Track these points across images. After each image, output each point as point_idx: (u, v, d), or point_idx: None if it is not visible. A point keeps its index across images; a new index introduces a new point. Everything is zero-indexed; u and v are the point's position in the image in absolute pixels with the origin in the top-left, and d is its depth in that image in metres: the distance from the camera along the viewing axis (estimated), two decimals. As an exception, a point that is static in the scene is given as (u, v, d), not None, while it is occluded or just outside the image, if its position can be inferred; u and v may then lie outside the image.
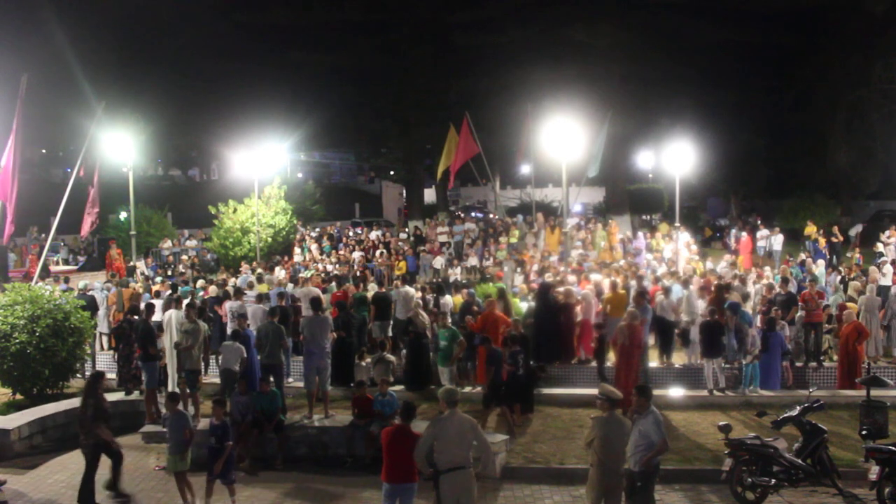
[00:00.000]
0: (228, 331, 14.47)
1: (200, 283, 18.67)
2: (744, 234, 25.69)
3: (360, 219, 45.01)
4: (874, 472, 9.05)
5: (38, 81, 18.86)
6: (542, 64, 30.20)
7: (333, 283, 18.29)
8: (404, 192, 48.18)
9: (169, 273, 23.17)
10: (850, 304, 15.14)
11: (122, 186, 22.18)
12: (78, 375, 14.76)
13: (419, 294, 16.16)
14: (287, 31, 40.03)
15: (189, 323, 12.40)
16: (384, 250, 25.72)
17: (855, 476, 9.82)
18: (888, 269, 18.76)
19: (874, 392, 11.27)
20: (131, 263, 22.72)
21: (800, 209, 32.37)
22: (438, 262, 24.11)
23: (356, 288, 17.36)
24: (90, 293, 16.12)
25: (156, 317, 13.84)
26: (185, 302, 13.57)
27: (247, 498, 10.20)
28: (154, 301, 15.26)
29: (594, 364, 14.65)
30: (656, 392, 11.51)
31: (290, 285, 17.97)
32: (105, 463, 11.36)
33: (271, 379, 11.95)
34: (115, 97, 26.29)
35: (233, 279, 19.65)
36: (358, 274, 21.23)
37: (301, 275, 20.95)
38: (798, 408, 10.01)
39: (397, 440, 7.83)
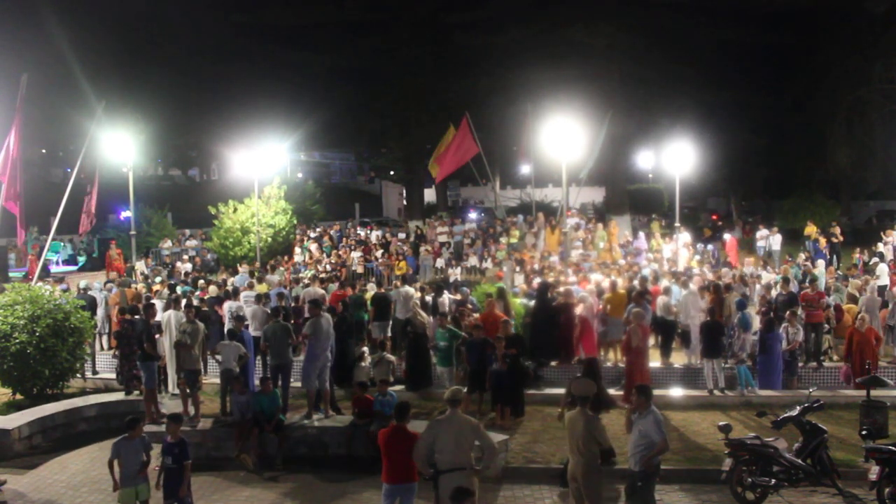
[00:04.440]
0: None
1: (200, 283, 18.67)
2: (728, 235, 25.61)
3: (362, 219, 44.96)
4: (874, 472, 9.04)
5: (38, 81, 18.87)
6: (542, 64, 30.17)
7: (335, 284, 18.29)
8: (404, 192, 48.20)
9: (168, 273, 23.15)
10: (848, 307, 15.13)
11: (123, 186, 22.14)
12: (78, 375, 14.76)
13: (418, 294, 16.16)
14: (287, 31, 40.10)
15: (188, 323, 12.41)
16: (384, 250, 25.71)
17: (855, 476, 9.81)
18: (882, 268, 18.77)
19: (874, 392, 11.28)
20: (130, 264, 22.71)
21: (800, 209, 32.38)
22: (439, 262, 24.13)
23: (352, 289, 17.37)
24: (90, 293, 16.11)
25: (156, 317, 13.84)
26: (184, 302, 13.58)
27: (247, 498, 10.20)
28: (155, 301, 15.27)
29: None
30: (656, 392, 11.50)
31: (294, 287, 18.01)
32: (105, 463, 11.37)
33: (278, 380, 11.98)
34: (115, 97, 26.28)
35: (231, 279, 19.66)
36: (354, 273, 21.24)
37: (301, 274, 21.00)
38: (798, 408, 10.01)
39: (394, 441, 7.82)
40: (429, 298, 15.87)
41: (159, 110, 39.67)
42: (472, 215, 36.83)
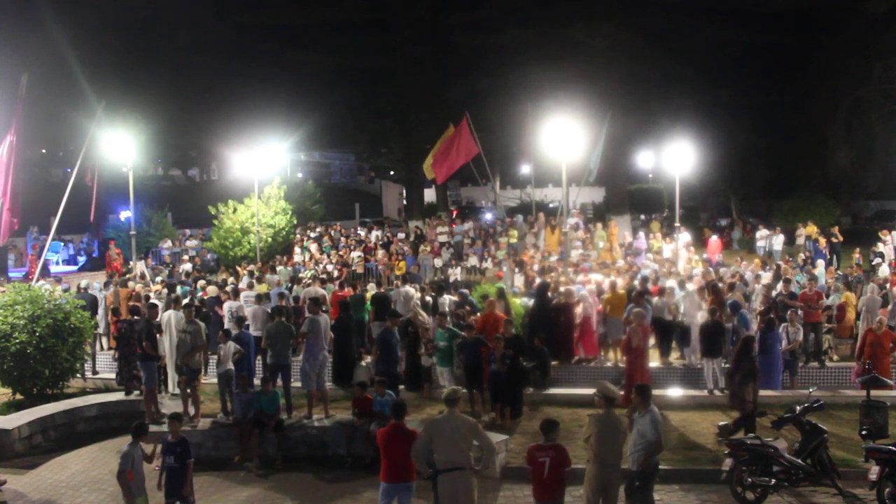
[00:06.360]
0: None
1: (201, 283, 18.67)
2: (714, 236, 25.59)
3: (362, 219, 44.97)
4: (874, 472, 9.04)
5: (38, 81, 18.83)
6: (542, 64, 30.14)
7: (336, 284, 18.28)
8: (404, 192, 48.16)
9: (168, 273, 23.14)
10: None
11: (123, 186, 22.12)
12: (78, 375, 14.76)
13: (418, 294, 16.16)
14: (287, 31, 40.03)
15: (189, 323, 12.41)
16: (384, 250, 25.71)
17: (855, 476, 9.82)
18: (884, 269, 18.77)
19: (874, 392, 11.28)
20: (130, 264, 22.71)
21: (800, 209, 32.35)
22: (438, 262, 24.14)
23: (353, 289, 17.38)
24: (90, 293, 16.11)
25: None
26: (184, 302, 13.59)
27: (247, 498, 10.21)
28: (156, 301, 15.27)
29: (594, 364, 14.66)
30: (656, 392, 11.50)
31: (294, 286, 18.02)
32: (107, 463, 11.41)
33: (279, 381, 11.99)
34: (115, 97, 26.22)
35: (231, 279, 19.66)
36: (354, 274, 21.25)
37: (301, 274, 20.99)
38: (798, 408, 10.01)
39: (393, 439, 7.83)
40: (429, 298, 15.87)
41: (159, 110, 39.59)
42: (488, 216, 36.80)
